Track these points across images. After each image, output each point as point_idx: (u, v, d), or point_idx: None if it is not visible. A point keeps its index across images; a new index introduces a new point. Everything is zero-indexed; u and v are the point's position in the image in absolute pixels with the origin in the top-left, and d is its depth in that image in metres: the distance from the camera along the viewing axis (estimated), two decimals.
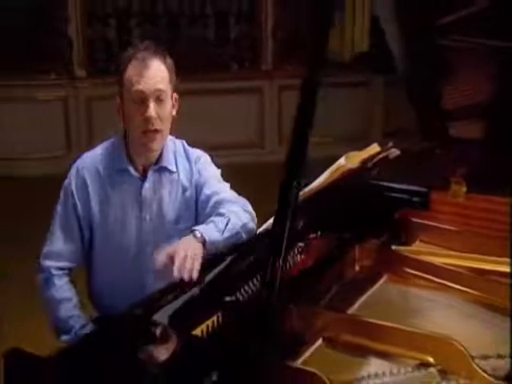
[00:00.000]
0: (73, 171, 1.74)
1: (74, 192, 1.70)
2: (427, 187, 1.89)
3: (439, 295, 1.53)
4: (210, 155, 1.80)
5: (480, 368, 1.15)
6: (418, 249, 1.73)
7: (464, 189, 1.86)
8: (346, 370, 1.22)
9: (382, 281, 1.60)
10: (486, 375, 1.14)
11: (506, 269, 1.61)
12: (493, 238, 1.74)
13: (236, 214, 1.59)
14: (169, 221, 1.72)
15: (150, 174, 1.72)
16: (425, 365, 1.21)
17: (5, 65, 5.10)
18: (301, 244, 1.64)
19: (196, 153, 1.79)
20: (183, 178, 1.74)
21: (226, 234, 1.54)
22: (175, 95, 1.72)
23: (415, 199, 1.88)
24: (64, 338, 1.62)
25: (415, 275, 1.61)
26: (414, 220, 1.85)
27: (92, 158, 1.74)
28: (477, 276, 1.55)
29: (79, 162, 1.75)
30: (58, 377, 1.04)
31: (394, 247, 1.66)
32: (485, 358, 1.22)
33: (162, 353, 1.00)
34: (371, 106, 5.68)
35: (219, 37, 5.42)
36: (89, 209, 1.70)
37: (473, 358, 1.16)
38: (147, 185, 1.71)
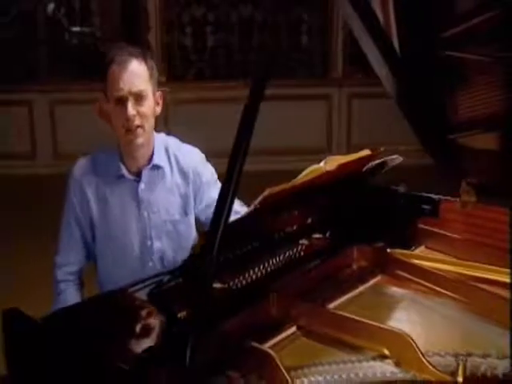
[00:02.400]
0: (70, 179, 1.87)
1: (73, 198, 1.86)
2: (438, 195, 1.95)
3: (426, 298, 1.59)
4: (278, 160, 1.90)
5: (429, 363, 1.23)
6: (417, 253, 1.79)
7: (473, 198, 1.89)
8: (309, 356, 1.32)
9: (374, 281, 1.69)
10: (434, 369, 1.22)
11: (506, 279, 1.66)
12: (499, 249, 1.77)
13: None
14: (166, 215, 1.88)
15: (144, 175, 1.85)
16: (383, 356, 1.30)
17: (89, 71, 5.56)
18: (304, 241, 1.76)
19: (191, 152, 1.96)
20: (177, 175, 1.89)
21: None
22: (159, 93, 1.84)
23: (425, 206, 1.94)
24: None
25: (407, 278, 1.68)
26: (422, 226, 1.91)
27: (87, 165, 1.88)
28: (464, 283, 1.59)
29: (75, 170, 1.88)
30: (50, 338, 1.22)
31: (389, 250, 1.73)
32: (441, 355, 1.29)
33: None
34: None
35: (291, 44, 5.58)
36: (90, 216, 1.85)
37: (422, 353, 1.24)
38: (142, 185, 1.86)
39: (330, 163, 1.42)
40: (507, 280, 1.65)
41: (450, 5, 1.63)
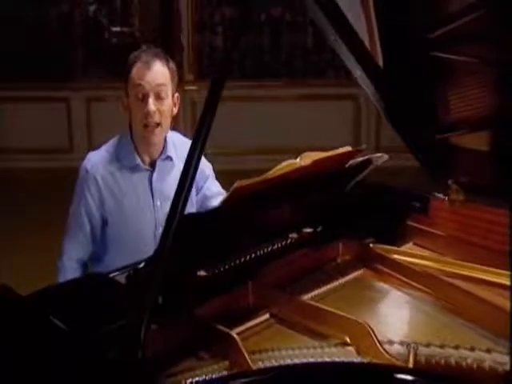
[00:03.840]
0: (83, 173, 1.96)
1: (87, 192, 1.93)
2: (428, 193, 1.99)
3: (404, 292, 1.64)
4: None
5: (384, 350, 1.29)
6: (400, 250, 1.83)
7: (462, 197, 1.92)
8: (277, 341, 1.40)
9: (356, 274, 1.75)
10: (388, 356, 1.28)
11: (489, 277, 1.70)
12: (489, 249, 1.80)
13: None
14: None
15: (158, 165, 1.97)
16: (345, 344, 1.37)
17: None
18: (291, 235, 1.82)
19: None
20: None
21: None
22: (177, 95, 1.95)
23: (415, 203, 1.99)
24: None
25: (388, 273, 1.73)
26: (411, 224, 1.95)
27: (100, 158, 1.98)
28: (441, 280, 1.63)
29: (88, 164, 1.96)
30: (35, 314, 1.34)
31: (372, 245, 1.79)
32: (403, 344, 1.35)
33: None
34: None
35: (317, 44, 5.63)
36: (102, 205, 1.94)
37: (379, 341, 1.30)
38: (155, 175, 1.97)
39: (305, 159, 1.49)
40: (492, 279, 1.69)
41: (437, 6, 1.68)
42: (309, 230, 1.83)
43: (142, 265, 1.40)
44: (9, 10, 5.89)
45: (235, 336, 1.31)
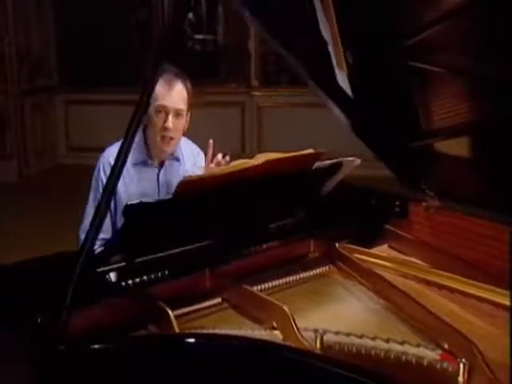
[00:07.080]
0: (101, 162, 2.21)
1: (102, 172, 2.20)
2: (409, 198, 2.06)
3: (359, 289, 1.75)
4: None
5: (301, 335, 1.41)
6: (366, 251, 1.92)
7: (436, 203, 1.98)
8: (220, 322, 1.56)
9: (320, 270, 1.86)
10: (302, 339, 1.40)
11: (445, 282, 1.76)
12: (454, 255, 1.85)
13: None
14: None
15: (166, 164, 2.24)
16: (274, 328, 1.50)
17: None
18: (259, 229, 1.94)
19: (191, 143, 2.36)
20: (188, 164, 2.28)
21: None
22: (189, 114, 2.20)
23: (395, 207, 2.06)
24: None
25: (348, 272, 1.83)
26: (387, 227, 2.03)
27: (114, 148, 2.17)
28: (390, 284, 1.70)
29: (106, 155, 2.22)
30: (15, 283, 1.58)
31: (337, 245, 1.89)
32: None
33: None
34: None
35: None
36: (114, 192, 2.10)
37: (297, 326, 1.42)
38: (162, 172, 2.24)
39: (257, 159, 1.63)
40: (447, 284, 1.76)
41: (410, 15, 1.74)
42: (275, 225, 1.95)
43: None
44: (95, 19, 6.40)
45: (170, 313, 1.48)
